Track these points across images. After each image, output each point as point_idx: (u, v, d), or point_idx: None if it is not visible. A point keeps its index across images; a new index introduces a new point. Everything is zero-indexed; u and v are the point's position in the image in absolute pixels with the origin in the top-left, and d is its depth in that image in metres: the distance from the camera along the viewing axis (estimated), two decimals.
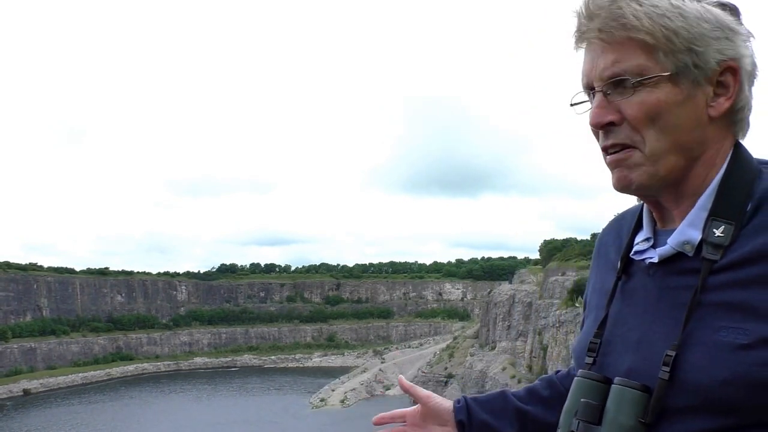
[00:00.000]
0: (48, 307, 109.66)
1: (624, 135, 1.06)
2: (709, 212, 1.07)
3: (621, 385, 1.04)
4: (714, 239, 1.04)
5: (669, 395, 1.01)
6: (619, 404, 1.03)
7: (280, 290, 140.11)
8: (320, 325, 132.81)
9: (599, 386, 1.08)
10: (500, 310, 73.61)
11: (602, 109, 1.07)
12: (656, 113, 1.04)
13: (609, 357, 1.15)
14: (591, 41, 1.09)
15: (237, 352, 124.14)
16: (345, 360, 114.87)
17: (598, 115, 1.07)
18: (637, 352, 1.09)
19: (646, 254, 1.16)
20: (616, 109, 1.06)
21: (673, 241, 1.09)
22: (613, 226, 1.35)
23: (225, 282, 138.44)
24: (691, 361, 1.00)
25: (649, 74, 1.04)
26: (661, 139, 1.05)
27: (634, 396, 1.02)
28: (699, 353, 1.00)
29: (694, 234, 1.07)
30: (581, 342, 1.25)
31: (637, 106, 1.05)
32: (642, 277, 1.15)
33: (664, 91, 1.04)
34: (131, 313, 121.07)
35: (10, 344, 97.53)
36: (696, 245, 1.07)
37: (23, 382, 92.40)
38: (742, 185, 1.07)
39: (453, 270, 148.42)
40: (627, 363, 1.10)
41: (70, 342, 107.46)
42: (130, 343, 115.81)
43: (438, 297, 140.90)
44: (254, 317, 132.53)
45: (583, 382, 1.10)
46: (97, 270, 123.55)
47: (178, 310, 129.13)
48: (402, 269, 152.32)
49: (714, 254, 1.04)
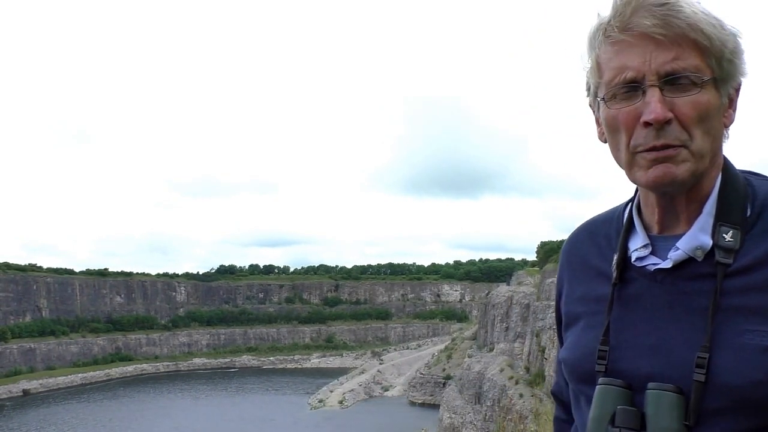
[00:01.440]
0: (47, 307, 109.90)
1: (674, 135, 1.05)
2: (715, 218, 1.10)
3: (657, 389, 1.03)
4: (725, 244, 1.07)
5: (705, 397, 1.01)
6: (658, 409, 1.02)
7: (279, 291, 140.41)
8: (319, 326, 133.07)
9: (627, 393, 1.08)
10: (498, 312, 73.98)
11: (663, 104, 1.04)
12: (705, 115, 1.05)
13: (621, 363, 1.13)
14: (640, 34, 1.06)
15: (236, 352, 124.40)
16: (343, 361, 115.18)
17: (662, 110, 1.04)
18: (655, 356, 1.09)
19: (647, 261, 1.16)
20: (669, 107, 1.05)
21: (685, 247, 1.10)
22: (583, 233, 1.35)
23: (224, 283, 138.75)
24: (722, 364, 1.01)
25: (704, 76, 1.05)
26: (705, 140, 1.07)
27: (672, 399, 1.02)
28: (729, 356, 1.01)
29: (705, 239, 1.09)
30: (579, 350, 1.23)
31: (692, 106, 1.04)
32: (645, 283, 1.15)
33: (711, 94, 1.06)
34: (130, 313, 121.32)
35: (10, 345, 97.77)
36: (707, 250, 1.09)
37: (23, 383, 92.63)
38: (739, 192, 1.12)
39: (451, 272, 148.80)
40: (645, 368, 1.09)
41: (70, 342, 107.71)
42: (129, 344, 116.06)
43: (436, 298, 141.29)
44: (253, 318, 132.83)
45: (610, 389, 1.08)
46: (97, 271, 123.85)
47: (177, 311, 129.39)
48: (400, 271, 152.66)
49: (727, 259, 1.06)
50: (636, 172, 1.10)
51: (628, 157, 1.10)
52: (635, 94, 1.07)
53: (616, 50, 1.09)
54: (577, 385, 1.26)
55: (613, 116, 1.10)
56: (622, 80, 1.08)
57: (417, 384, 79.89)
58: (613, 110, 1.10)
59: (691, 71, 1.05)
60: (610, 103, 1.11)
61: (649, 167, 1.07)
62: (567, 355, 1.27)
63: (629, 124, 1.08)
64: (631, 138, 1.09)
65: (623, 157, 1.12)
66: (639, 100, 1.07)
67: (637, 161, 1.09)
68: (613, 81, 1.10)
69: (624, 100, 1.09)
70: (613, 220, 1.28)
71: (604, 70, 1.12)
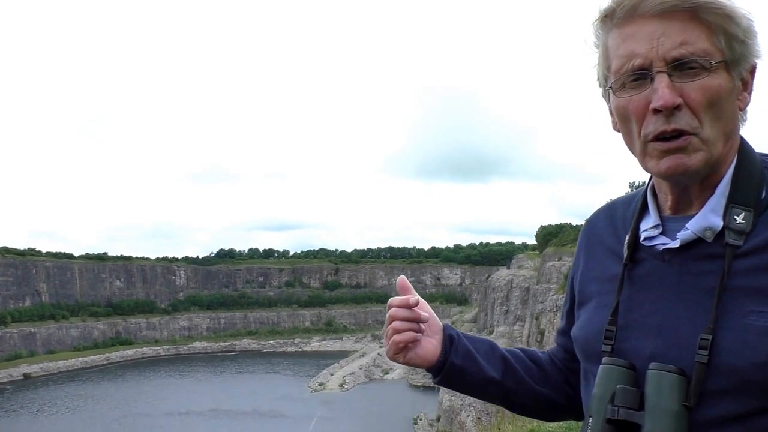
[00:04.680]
0: (47, 292, 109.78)
1: (685, 121, 1.03)
2: (728, 199, 1.08)
3: (658, 369, 1.03)
4: (736, 226, 1.05)
5: (707, 378, 1.01)
6: (659, 389, 1.02)
7: (279, 275, 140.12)
8: (319, 310, 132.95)
9: (629, 372, 1.08)
10: (498, 295, 73.89)
11: (672, 90, 1.02)
12: (716, 100, 1.03)
13: (626, 343, 1.13)
14: (647, 18, 1.04)
15: (236, 336, 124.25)
16: (343, 344, 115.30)
17: (671, 96, 1.02)
18: (660, 337, 1.09)
19: (656, 240, 1.15)
20: (678, 93, 1.03)
21: (695, 227, 1.09)
22: (603, 214, 1.34)
23: (223, 267, 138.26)
24: (726, 345, 1.00)
25: (713, 59, 1.03)
26: (716, 126, 1.04)
27: (672, 380, 1.01)
28: (732, 337, 1.00)
29: (716, 220, 1.08)
30: (589, 329, 1.23)
31: (701, 91, 1.02)
32: (655, 263, 1.14)
33: (722, 78, 1.04)
34: (130, 298, 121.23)
35: (10, 329, 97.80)
36: (717, 231, 1.07)
37: (23, 367, 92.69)
38: (754, 174, 1.10)
39: (451, 255, 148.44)
40: (649, 348, 1.09)
41: (70, 327, 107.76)
42: (129, 328, 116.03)
43: (436, 282, 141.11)
44: (253, 302, 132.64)
45: (612, 369, 1.09)
46: (96, 255, 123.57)
47: (177, 295, 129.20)
48: (400, 254, 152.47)
49: (737, 240, 1.05)
50: (648, 162, 1.09)
51: (640, 146, 1.09)
52: (644, 81, 1.05)
53: (623, 37, 1.07)
54: (586, 363, 1.26)
55: (623, 105, 1.09)
56: (630, 68, 1.06)
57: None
58: (623, 99, 1.09)
59: (700, 55, 1.02)
60: (620, 92, 1.09)
61: (662, 158, 1.06)
62: (578, 333, 1.27)
63: (639, 112, 1.06)
64: (642, 126, 1.07)
65: (636, 146, 1.10)
66: (648, 88, 1.05)
67: (649, 151, 1.08)
68: (621, 69, 1.08)
69: (633, 89, 1.07)
70: (632, 202, 1.27)
71: (612, 59, 1.10)
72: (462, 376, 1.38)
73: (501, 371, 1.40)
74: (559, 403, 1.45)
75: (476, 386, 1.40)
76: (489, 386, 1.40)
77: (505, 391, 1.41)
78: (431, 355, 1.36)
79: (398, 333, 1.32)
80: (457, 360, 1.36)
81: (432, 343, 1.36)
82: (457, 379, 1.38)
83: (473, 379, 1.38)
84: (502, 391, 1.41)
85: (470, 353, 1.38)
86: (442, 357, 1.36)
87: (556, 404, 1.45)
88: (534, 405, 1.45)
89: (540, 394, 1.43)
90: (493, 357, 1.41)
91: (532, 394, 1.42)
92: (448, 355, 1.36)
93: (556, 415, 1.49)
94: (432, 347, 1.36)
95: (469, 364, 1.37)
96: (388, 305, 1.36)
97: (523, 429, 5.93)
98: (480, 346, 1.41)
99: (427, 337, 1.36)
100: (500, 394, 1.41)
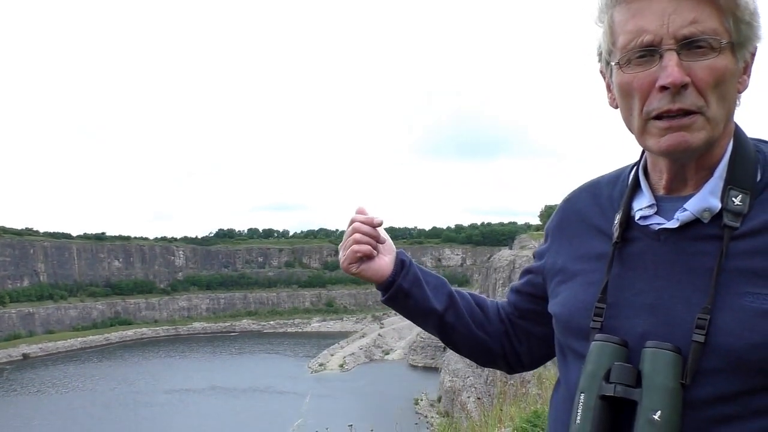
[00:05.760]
0: (45, 272, 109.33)
1: (690, 100, 1.02)
2: (726, 181, 1.08)
3: (655, 347, 1.03)
4: (734, 208, 1.06)
5: (703, 357, 1.02)
6: (655, 367, 1.02)
7: (279, 255, 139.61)
8: (319, 291, 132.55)
9: (622, 350, 1.07)
10: (500, 276, 72.78)
11: (680, 68, 1.01)
12: (722, 80, 1.03)
13: (616, 320, 1.13)
14: None
15: (236, 317, 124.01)
16: (344, 325, 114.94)
17: (680, 74, 1.01)
18: (652, 315, 1.09)
19: (651, 220, 1.15)
20: (686, 71, 1.02)
21: (693, 208, 1.09)
22: (586, 193, 1.33)
23: (223, 247, 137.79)
24: (722, 326, 1.01)
25: (722, 39, 1.02)
26: (721, 106, 1.04)
27: (669, 358, 1.02)
28: (729, 318, 1.01)
29: (714, 202, 1.08)
30: (574, 305, 1.22)
31: (709, 71, 1.02)
32: (648, 242, 1.14)
33: (728, 59, 1.03)
34: (129, 278, 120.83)
35: (8, 309, 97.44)
36: (715, 213, 1.08)
37: (22, 347, 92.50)
38: (749, 157, 1.10)
39: (452, 235, 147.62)
40: (641, 327, 1.09)
41: (69, 307, 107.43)
42: (128, 308, 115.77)
43: (437, 262, 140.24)
44: (252, 282, 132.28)
45: (606, 346, 1.08)
46: (94, 235, 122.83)
47: (176, 275, 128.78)
48: (401, 234, 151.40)
49: (734, 222, 1.05)
50: (648, 140, 1.08)
51: (640, 124, 1.08)
52: (652, 58, 1.04)
53: (632, 12, 1.05)
54: (566, 339, 1.24)
55: (627, 81, 1.07)
56: (638, 44, 1.04)
57: (418, 347, 79.35)
58: (628, 75, 1.07)
59: (710, 35, 1.01)
60: (625, 67, 1.07)
61: (663, 135, 1.05)
62: (560, 310, 1.27)
63: (644, 89, 1.05)
64: (645, 104, 1.06)
65: (635, 124, 1.09)
66: (655, 65, 1.03)
67: (649, 129, 1.07)
68: (628, 45, 1.05)
69: (639, 65, 1.05)
70: (618, 181, 1.26)
71: (618, 34, 1.08)
72: (407, 299, 1.45)
73: (444, 305, 1.46)
74: (493, 350, 1.50)
75: (418, 313, 1.47)
76: (429, 316, 1.46)
77: (444, 324, 1.47)
78: (383, 271, 1.44)
79: (358, 244, 1.41)
80: (405, 284, 1.44)
81: (385, 261, 1.45)
82: (402, 301, 1.46)
83: (416, 306, 1.46)
84: (440, 323, 1.47)
85: (419, 281, 1.45)
86: (391, 277, 1.44)
87: (489, 350, 1.50)
88: (468, 344, 1.51)
89: (476, 336, 1.49)
90: (440, 291, 1.47)
91: (469, 333, 1.48)
92: (397, 276, 1.44)
93: (488, 361, 1.54)
94: (385, 265, 1.44)
95: (416, 290, 1.45)
96: (351, 219, 1.42)
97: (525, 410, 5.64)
98: (431, 279, 1.49)
99: (382, 255, 1.45)
100: (438, 326, 1.48)
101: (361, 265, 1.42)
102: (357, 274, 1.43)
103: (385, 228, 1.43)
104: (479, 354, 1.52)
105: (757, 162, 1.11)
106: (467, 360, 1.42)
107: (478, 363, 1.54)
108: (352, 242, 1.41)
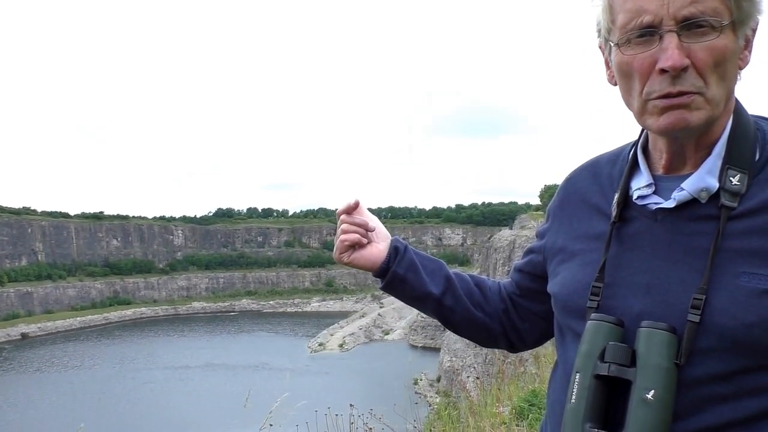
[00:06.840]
0: (43, 251, 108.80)
1: (690, 82, 1.01)
2: (724, 161, 1.07)
3: (650, 327, 1.03)
4: (731, 187, 1.05)
5: (697, 337, 1.01)
6: (649, 346, 1.02)
7: (278, 235, 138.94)
8: (318, 270, 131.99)
9: (618, 329, 1.07)
10: (500, 256, 72.24)
11: (680, 50, 0.99)
12: (722, 60, 1.01)
13: (613, 300, 1.13)
14: None
15: (235, 296, 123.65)
16: (344, 305, 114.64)
17: (679, 57, 0.99)
18: (648, 295, 1.09)
19: (648, 200, 1.14)
20: (686, 53, 1.00)
21: (691, 188, 1.08)
22: (586, 172, 1.33)
23: (222, 227, 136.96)
24: (718, 306, 1.01)
25: (722, 19, 1.00)
26: (721, 86, 1.03)
27: (664, 338, 1.02)
28: (724, 298, 1.01)
29: (712, 181, 1.07)
30: (572, 285, 1.22)
31: (708, 52, 1.00)
32: (646, 222, 1.13)
33: (729, 38, 1.01)
34: (127, 257, 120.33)
35: (7, 288, 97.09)
36: (712, 193, 1.07)
37: (21, 326, 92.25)
38: (748, 136, 1.09)
39: (453, 215, 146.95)
40: (638, 306, 1.09)
41: (67, 286, 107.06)
42: (127, 288, 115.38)
43: (438, 242, 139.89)
44: (252, 262, 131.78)
45: (601, 326, 1.08)
46: (92, 214, 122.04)
47: (175, 255, 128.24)
48: (401, 214, 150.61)
49: (732, 202, 1.04)
50: (647, 119, 1.07)
51: (639, 104, 1.07)
52: (651, 39, 1.02)
53: None
54: (565, 319, 1.24)
55: (626, 62, 1.05)
56: (638, 24, 1.02)
57: (417, 327, 79.10)
58: (627, 56, 1.05)
59: (710, 14, 0.99)
60: (624, 48, 1.05)
61: (662, 114, 1.04)
62: (558, 290, 1.26)
63: (644, 70, 1.04)
64: (645, 85, 1.04)
65: (635, 104, 1.08)
66: (655, 46, 1.02)
67: (648, 109, 1.06)
68: (627, 25, 1.03)
69: (639, 45, 1.03)
70: (617, 160, 1.25)
71: (618, 12, 1.05)
72: (403, 285, 1.46)
73: (442, 288, 1.46)
74: (493, 330, 1.50)
75: (415, 298, 1.47)
76: (427, 300, 1.47)
77: (442, 308, 1.48)
78: (375, 258, 1.45)
79: (345, 234, 1.44)
80: (400, 270, 1.44)
81: (378, 248, 1.46)
82: (399, 287, 1.47)
83: (413, 291, 1.46)
84: (438, 307, 1.48)
85: (414, 266, 1.46)
86: (384, 264, 1.45)
87: (490, 331, 1.51)
88: (468, 326, 1.51)
89: (476, 318, 1.49)
90: (437, 275, 1.47)
91: (468, 315, 1.48)
92: (391, 263, 1.45)
93: (489, 341, 1.53)
94: (377, 252, 1.45)
95: (412, 276, 1.45)
96: (337, 213, 1.46)
97: (523, 389, 5.68)
98: (428, 263, 1.49)
99: (374, 243, 1.46)
100: (437, 309, 1.48)
101: (353, 254, 1.43)
102: (349, 263, 1.43)
103: (385, 208, 1.51)
104: (479, 335, 1.51)
105: (756, 140, 1.09)
106: (466, 340, 1.60)
107: (480, 344, 1.54)
108: (340, 233, 1.43)
